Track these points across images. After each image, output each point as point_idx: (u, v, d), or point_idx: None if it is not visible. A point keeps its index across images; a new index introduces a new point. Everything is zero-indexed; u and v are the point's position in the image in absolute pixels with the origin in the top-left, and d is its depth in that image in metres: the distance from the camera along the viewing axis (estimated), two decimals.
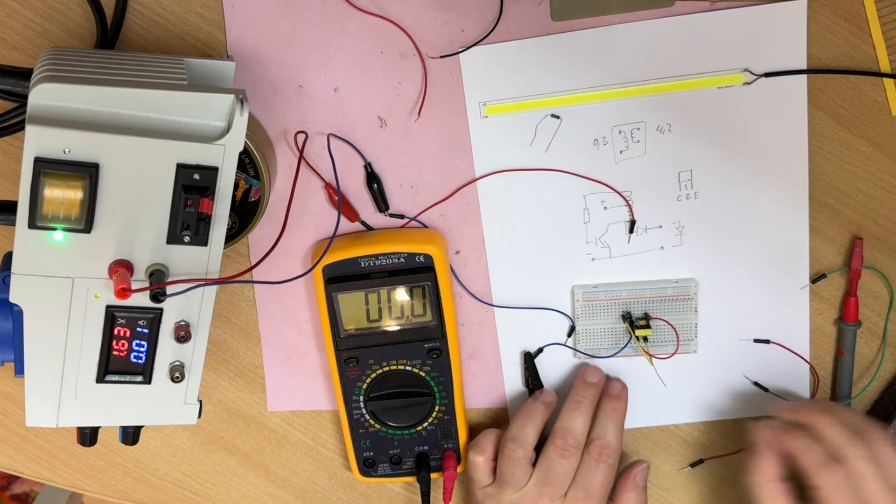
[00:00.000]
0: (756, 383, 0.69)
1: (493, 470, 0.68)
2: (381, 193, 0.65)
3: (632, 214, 0.66)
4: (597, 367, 0.69)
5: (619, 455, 0.67)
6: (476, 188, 0.66)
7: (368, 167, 0.65)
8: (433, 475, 0.71)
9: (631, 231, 0.66)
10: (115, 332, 0.56)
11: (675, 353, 0.68)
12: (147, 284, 0.53)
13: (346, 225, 0.67)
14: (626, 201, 0.66)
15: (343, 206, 0.66)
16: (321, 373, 0.71)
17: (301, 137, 0.64)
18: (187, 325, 0.56)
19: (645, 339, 0.67)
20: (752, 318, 0.68)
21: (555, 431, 0.66)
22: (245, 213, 0.62)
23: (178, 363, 0.58)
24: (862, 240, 0.65)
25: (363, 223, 0.67)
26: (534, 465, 0.66)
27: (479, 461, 0.68)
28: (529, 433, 0.66)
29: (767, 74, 0.63)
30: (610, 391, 0.68)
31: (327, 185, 0.65)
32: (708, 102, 0.64)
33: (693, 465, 0.72)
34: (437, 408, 0.69)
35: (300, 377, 0.71)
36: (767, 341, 0.68)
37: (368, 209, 0.66)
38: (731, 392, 0.70)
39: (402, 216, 0.66)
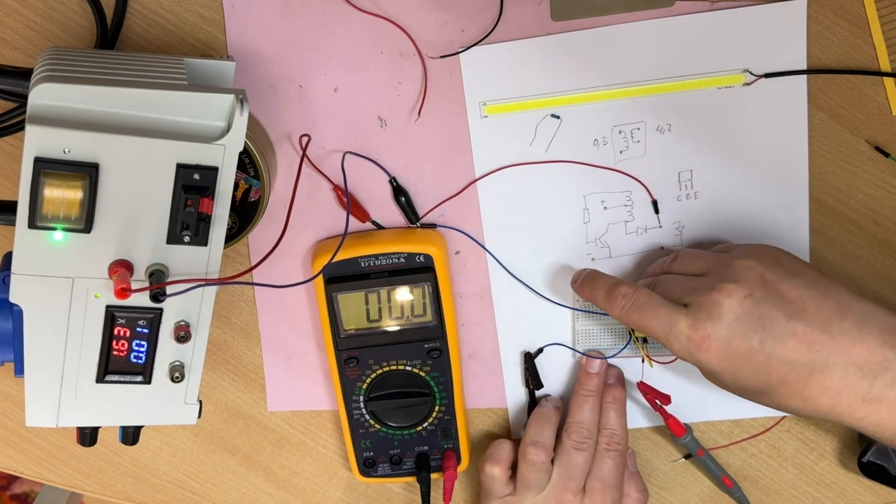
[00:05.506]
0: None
1: (510, 479, 0.68)
2: (409, 206, 0.65)
3: (651, 195, 0.65)
4: (597, 354, 0.68)
5: (627, 441, 0.68)
6: (476, 188, 0.66)
7: (393, 181, 0.65)
8: (433, 475, 0.71)
9: (657, 211, 0.66)
10: (115, 332, 0.56)
11: None
12: (147, 284, 0.53)
13: (355, 224, 0.66)
14: (643, 184, 0.65)
15: (353, 206, 0.65)
16: (321, 373, 0.71)
17: (304, 140, 0.64)
18: (187, 325, 0.56)
19: (644, 339, 0.67)
20: None
21: (568, 427, 0.67)
22: (245, 213, 0.62)
23: (178, 363, 0.58)
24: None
25: (374, 223, 0.66)
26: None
27: (496, 472, 0.67)
28: (548, 435, 0.67)
29: (767, 75, 0.63)
30: (608, 380, 0.68)
31: (336, 188, 0.65)
32: (708, 102, 0.64)
33: (686, 457, 0.72)
34: (437, 408, 0.69)
35: (300, 377, 0.71)
36: None
37: (373, 210, 0.66)
38: (730, 392, 0.70)
39: (433, 226, 0.66)
